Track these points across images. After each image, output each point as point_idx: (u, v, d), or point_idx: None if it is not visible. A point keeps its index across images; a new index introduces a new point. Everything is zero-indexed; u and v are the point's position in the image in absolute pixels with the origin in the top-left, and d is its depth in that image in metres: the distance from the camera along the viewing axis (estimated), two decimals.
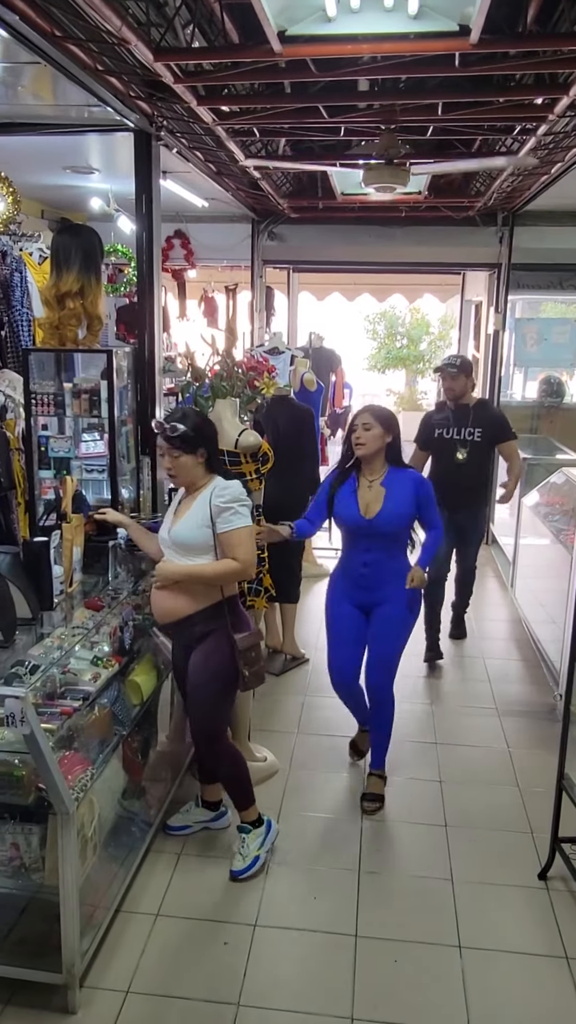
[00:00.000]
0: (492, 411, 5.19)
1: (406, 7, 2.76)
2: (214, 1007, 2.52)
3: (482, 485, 5.11)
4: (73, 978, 2.48)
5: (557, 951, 2.76)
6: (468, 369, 4.93)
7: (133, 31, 2.84)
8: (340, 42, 2.95)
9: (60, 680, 2.69)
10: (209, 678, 2.94)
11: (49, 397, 3.83)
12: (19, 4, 2.54)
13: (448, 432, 4.87)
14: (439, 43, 2.94)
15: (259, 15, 2.71)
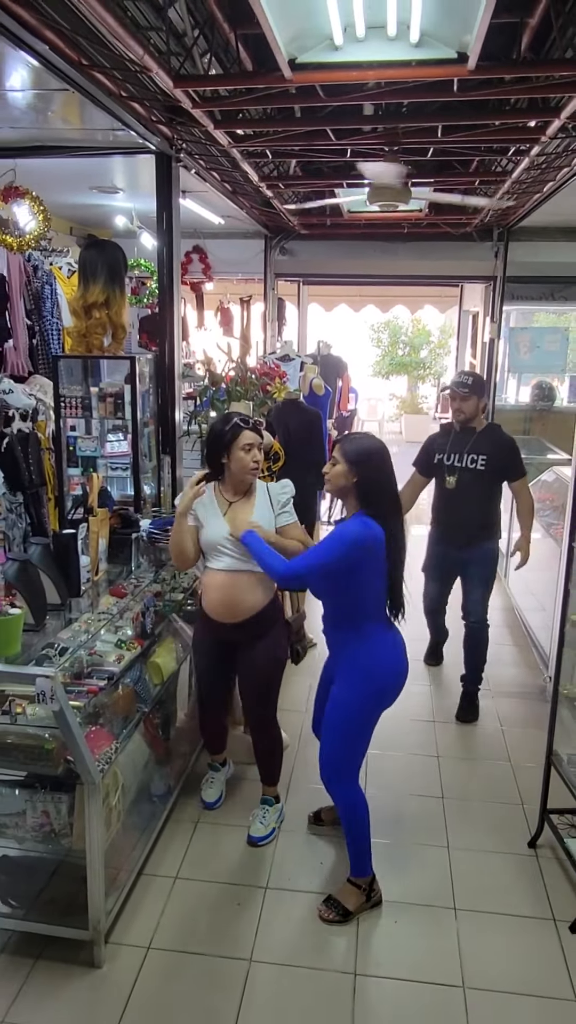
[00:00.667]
0: (500, 438, 3.95)
1: (408, 36, 2.74)
2: (228, 962, 2.53)
3: (483, 521, 4.01)
4: (99, 934, 2.49)
5: (545, 913, 2.76)
6: (481, 389, 3.98)
7: (154, 59, 2.84)
8: (347, 69, 2.93)
9: (87, 661, 2.70)
10: (276, 665, 3.06)
11: (77, 400, 3.84)
12: (48, 35, 2.54)
13: (445, 457, 3.99)
14: (439, 70, 2.92)
15: (271, 44, 2.70)
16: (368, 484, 2.54)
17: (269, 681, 3.07)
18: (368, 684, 2.64)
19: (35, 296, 5.27)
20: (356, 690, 2.64)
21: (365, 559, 2.50)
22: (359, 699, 2.65)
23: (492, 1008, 2.38)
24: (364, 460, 2.54)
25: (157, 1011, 2.35)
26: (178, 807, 3.30)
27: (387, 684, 2.68)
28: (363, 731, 2.71)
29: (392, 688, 2.70)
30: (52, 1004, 2.37)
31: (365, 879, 2.77)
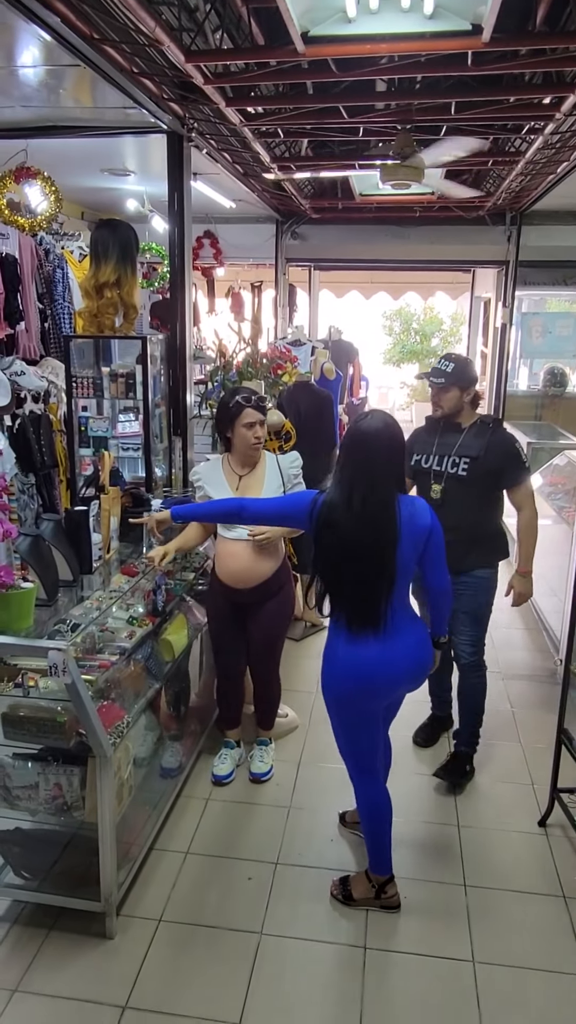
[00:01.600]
0: (493, 437, 3.07)
1: (422, 7, 2.70)
2: (239, 935, 2.54)
3: (473, 542, 3.14)
4: (111, 906, 2.50)
5: (555, 891, 2.75)
6: (464, 378, 3.07)
7: (166, 33, 2.81)
8: (360, 42, 2.90)
9: (98, 637, 2.70)
10: (284, 621, 3.31)
11: (88, 380, 3.84)
12: (59, 6, 2.52)
13: (425, 459, 3.20)
14: (453, 42, 2.88)
15: (284, 16, 2.66)
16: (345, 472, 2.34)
17: (278, 635, 3.33)
18: (327, 683, 2.48)
19: (47, 280, 5.26)
20: (323, 687, 2.51)
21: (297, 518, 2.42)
22: (327, 697, 2.52)
23: (502, 981, 2.38)
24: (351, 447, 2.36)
25: (168, 981, 2.36)
26: (189, 784, 3.32)
27: (343, 688, 2.43)
28: (352, 728, 2.53)
29: (351, 694, 2.43)
30: (65, 973, 2.39)
31: (378, 877, 2.66)
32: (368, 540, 2.29)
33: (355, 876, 2.72)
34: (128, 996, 2.31)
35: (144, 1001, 2.29)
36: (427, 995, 2.33)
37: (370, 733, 2.55)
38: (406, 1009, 2.28)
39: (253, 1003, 2.29)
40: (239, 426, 2.98)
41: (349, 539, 2.29)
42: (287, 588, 3.27)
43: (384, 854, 2.65)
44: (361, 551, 2.30)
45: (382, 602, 2.33)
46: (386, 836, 2.65)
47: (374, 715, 2.51)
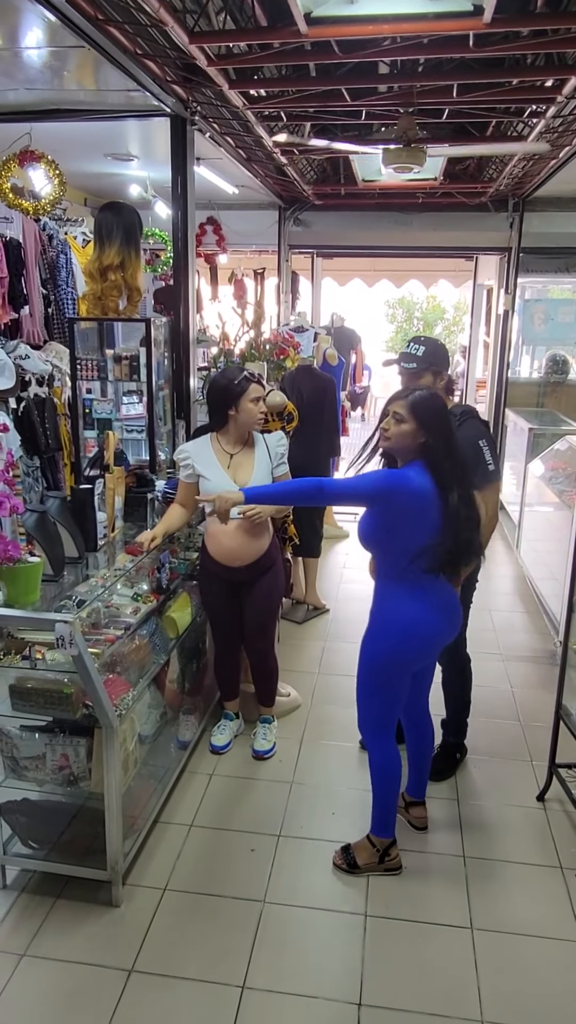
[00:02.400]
0: (461, 432, 2.74)
1: None
2: (243, 903, 2.59)
3: None
4: (117, 875, 2.55)
5: (552, 862, 2.80)
6: (437, 361, 2.91)
7: (170, 13, 2.82)
8: (362, 23, 2.91)
9: (104, 613, 2.74)
10: (277, 597, 3.37)
11: (92, 363, 3.86)
12: None
13: None
14: (454, 23, 2.89)
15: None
16: (438, 450, 2.38)
17: (271, 611, 3.38)
18: (384, 642, 2.54)
19: (50, 265, 5.28)
20: (375, 646, 2.58)
21: (402, 504, 2.36)
22: (377, 655, 2.57)
23: (500, 948, 2.43)
24: (436, 422, 2.39)
25: (173, 947, 2.41)
26: (193, 759, 3.37)
27: (407, 647, 2.53)
28: (387, 688, 2.59)
29: (410, 650, 2.55)
30: (72, 939, 2.44)
31: (382, 840, 2.72)
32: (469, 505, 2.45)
33: (357, 843, 2.78)
34: (134, 960, 2.36)
35: (149, 965, 2.34)
36: (426, 960, 2.38)
37: (403, 693, 2.65)
38: (406, 974, 2.33)
39: (256, 967, 2.34)
40: (246, 402, 2.99)
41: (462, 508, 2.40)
42: (278, 563, 3.34)
43: (390, 816, 2.72)
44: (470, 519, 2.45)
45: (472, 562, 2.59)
46: (394, 797, 2.71)
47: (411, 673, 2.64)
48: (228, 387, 3.01)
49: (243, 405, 3.01)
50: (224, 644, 3.44)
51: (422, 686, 2.83)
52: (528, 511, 6.18)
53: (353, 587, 5.40)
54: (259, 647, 3.42)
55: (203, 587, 3.32)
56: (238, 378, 3.00)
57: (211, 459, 3.09)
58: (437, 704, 3.37)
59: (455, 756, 3.39)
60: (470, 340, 10.20)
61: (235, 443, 3.12)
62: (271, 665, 3.51)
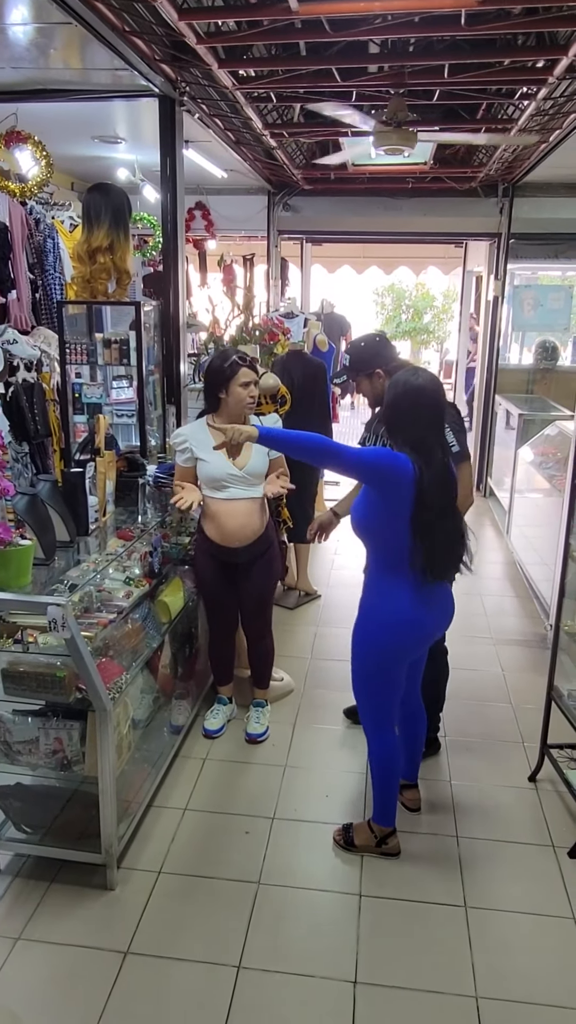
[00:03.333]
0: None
1: None
2: (238, 885, 2.59)
3: None
4: (111, 858, 2.55)
5: (544, 840, 2.82)
6: (361, 366, 2.94)
7: None
8: (354, 0, 2.87)
9: (96, 597, 2.73)
10: (273, 578, 3.41)
11: (82, 347, 3.82)
12: None
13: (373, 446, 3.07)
14: (445, 0, 2.86)
15: None
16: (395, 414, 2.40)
17: (270, 591, 3.43)
18: (380, 637, 2.53)
19: (37, 250, 5.21)
20: (367, 639, 2.56)
21: (387, 490, 2.36)
22: (372, 650, 2.56)
23: (493, 924, 2.45)
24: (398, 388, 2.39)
25: (169, 929, 2.42)
26: (187, 744, 3.37)
27: (397, 640, 2.51)
28: (383, 680, 2.58)
29: (402, 642, 2.53)
30: (67, 922, 2.44)
31: (382, 828, 2.73)
32: (451, 496, 2.46)
33: (358, 824, 2.80)
34: (129, 942, 2.36)
35: (145, 947, 2.35)
36: (421, 939, 2.40)
37: (400, 685, 2.63)
38: (401, 952, 2.34)
39: (252, 947, 2.35)
40: (235, 386, 2.99)
41: (440, 497, 2.38)
42: (274, 545, 3.36)
43: (390, 806, 2.72)
44: (448, 508, 2.44)
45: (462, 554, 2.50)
46: (394, 789, 2.71)
47: (406, 665, 2.62)
48: (219, 370, 3.01)
49: (232, 389, 3.01)
50: (221, 628, 3.44)
51: (415, 673, 2.83)
52: (518, 497, 6.19)
53: (344, 573, 5.41)
54: (259, 628, 3.46)
55: (200, 571, 3.31)
56: (228, 361, 3.00)
57: (208, 442, 3.04)
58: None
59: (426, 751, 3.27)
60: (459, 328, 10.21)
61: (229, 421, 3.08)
62: (269, 647, 3.54)
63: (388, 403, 2.43)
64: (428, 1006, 2.16)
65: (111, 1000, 2.16)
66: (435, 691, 3.28)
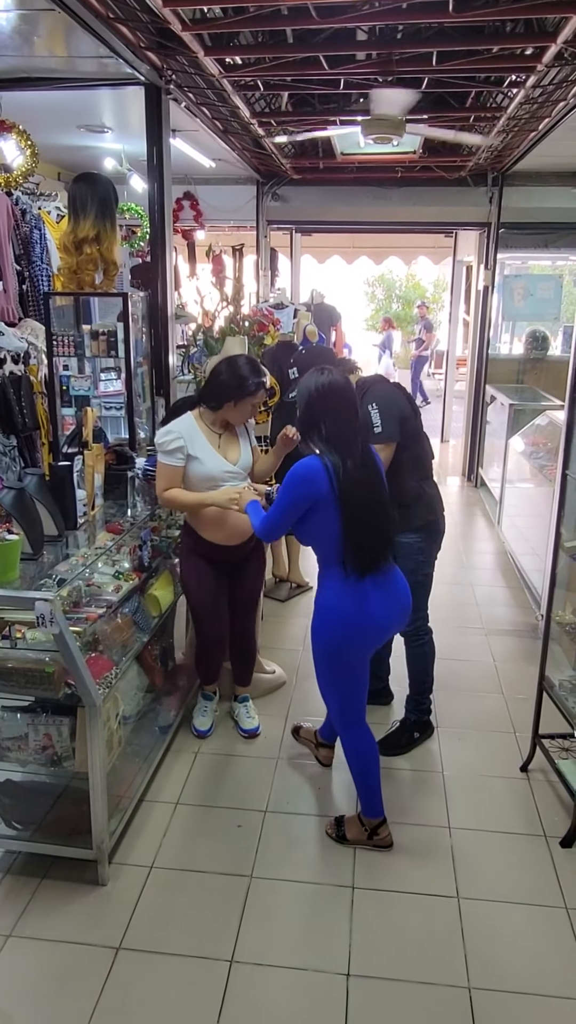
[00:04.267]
0: (368, 396, 3.03)
1: None
2: (230, 879, 2.59)
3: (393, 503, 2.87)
4: (102, 853, 2.54)
5: (536, 830, 2.82)
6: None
7: None
8: None
9: (85, 592, 2.70)
10: (263, 574, 3.40)
11: (69, 339, 3.78)
12: None
13: None
14: None
15: None
16: (303, 416, 2.52)
17: (260, 589, 3.44)
18: (324, 634, 2.55)
19: (24, 241, 5.15)
20: (318, 638, 2.59)
21: (313, 496, 2.42)
22: (322, 647, 2.59)
23: (485, 915, 2.45)
24: (302, 390, 2.53)
25: (161, 924, 2.41)
26: (178, 738, 3.35)
27: (341, 636, 2.52)
28: (346, 675, 2.59)
29: (348, 641, 2.52)
30: (58, 919, 2.42)
31: (370, 821, 2.73)
32: (377, 490, 2.51)
33: (349, 818, 2.80)
34: (121, 938, 2.35)
35: (137, 942, 2.34)
36: (413, 930, 2.39)
37: (362, 680, 2.64)
38: (393, 943, 2.34)
39: (244, 941, 2.34)
40: (247, 403, 2.95)
41: (366, 492, 2.45)
42: (261, 545, 3.32)
43: (375, 798, 2.72)
44: (375, 502, 2.49)
45: (391, 546, 2.55)
46: (375, 780, 2.71)
47: (366, 660, 2.62)
48: (241, 385, 2.90)
49: (243, 405, 2.95)
50: (217, 632, 3.29)
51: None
52: (509, 487, 6.19)
53: None
54: (249, 626, 3.43)
55: (195, 576, 3.15)
56: (253, 381, 2.91)
57: (202, 440, 2.96)
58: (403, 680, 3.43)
59: (413, 734, 3.34)
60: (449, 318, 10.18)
61: (220, 424, 3.04)
62: (255, 644, 3.52)
63: (303, 406, 2.51)
64: (421, 997, 2.16)
65: (103, 996, 2.15)
66: (419, 672, 3.32)
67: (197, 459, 2.95)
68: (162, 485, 2.98)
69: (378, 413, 2.94)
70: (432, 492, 3.15)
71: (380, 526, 2.50)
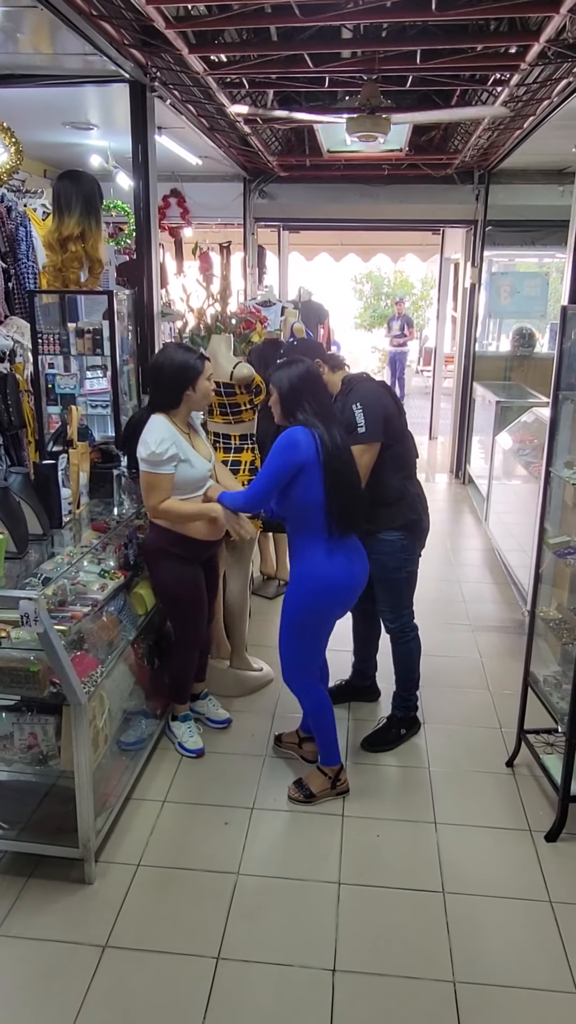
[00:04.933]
0: (352, 395, 3.01)
1: None
2: (217, 876, 2.59)
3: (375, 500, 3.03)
4: (89, 852, 2.53)
5: (521, 825, 2.84)
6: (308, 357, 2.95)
7: None
8: None
9: (70, 590, 2.70)
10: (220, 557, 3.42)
11: (55, 336, 3.77)
12: None
13: None
14: None
15: None
16: (285, 393, 2.71)
17: (220, 574, 3.47)
18: (308, 599, 2.77)
19: (9, 238, 5.12)
20: (297, 600, 2.79)
21: (299, 462, 2.61)
22: (299, 609, 2.79)
23: (470, 909, 2.46)
24: (283, 377, 2.73)
25: (147, 922, 2.41)
26: (165, 737, 3.34)
27: (323, 599, 2.78)
28: (310, 637, 2.86)
29: (330, 604, 2.81)
30: (45, 917, 2.42)
31: (332, 768, 2.94)
32: (350, 460, 2.75)
33: (309, 774, 2.99)
34: (108, 936, 2.35)
35: (124, 940, 2.34)
36: (399, 925, 2.41)
37: (325, 642, 2.95)
38: (379, 939, 2.35)
39: (231, 938, 2.35)
40: (203, 380, 2.87)
41: (346, 457, 2.71)
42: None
43: (333, 745, 2.96)
44: (352, 468, 2.76)
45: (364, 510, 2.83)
46: (333, 730, 2.95)
47: (334, 623, 2.92)
48: (184, 368, 2.83)
49: (200, 384, 2.87)
50: (201, 634, 3.23)
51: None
52: (496, 483, 6.22)
53: None
54: (213, 612, 3.46)
55: (182, 580, 3.03)
56: (192, 359, 2.85)
57: (185, 443, 2.89)
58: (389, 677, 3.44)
59: (398, 731, 3.34)
60: (437, 316, 10.20)
61: (185, 422, 2.97)
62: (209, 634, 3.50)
63: (286, 389, 2.71)
64: (406, 992, 2.17)
65: (90, 994, 2.16)
66: (406, 669, 3.35)
67: (187, 462, 2.87)
68: (159, 498, 2.83)
69: (362, 413, 2.95)
70: (415, 491, 3.16)
71: (357, 488, 2.79)
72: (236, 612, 3.76)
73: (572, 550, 2.94)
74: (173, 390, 2.88)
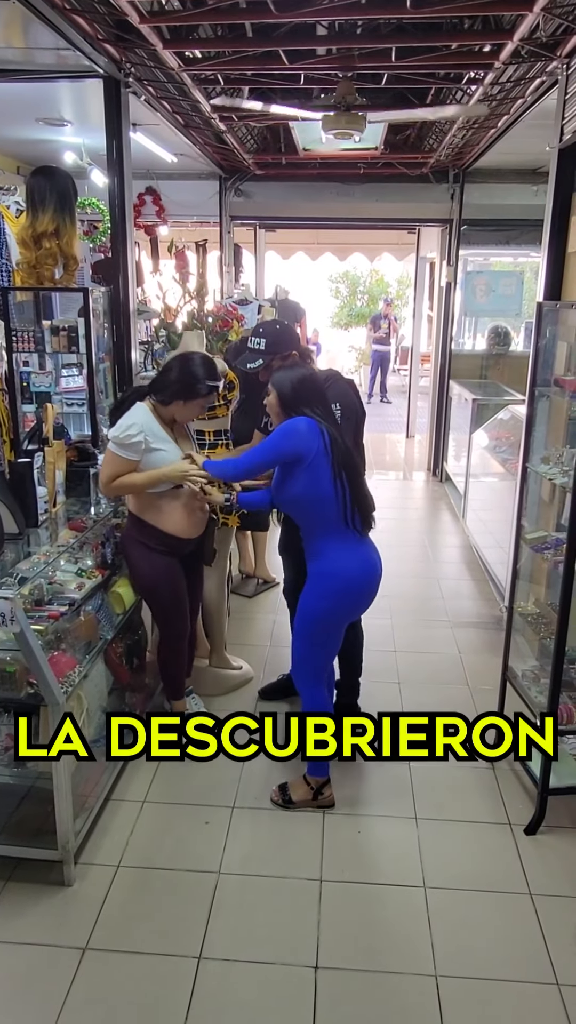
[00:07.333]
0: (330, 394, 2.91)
1: None
2: (197, 875, 2.58)
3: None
4: (68, 854, 2.51)
5: (501, 819, 2.86)
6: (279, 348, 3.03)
7: None
8: None
9: (47, 590, 2.67)
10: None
11: (29, 334, 3.72)
12: None
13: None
14: None
15: None
16: (287, 396, 2.66)
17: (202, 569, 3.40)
18: (325, 599, 2.69)
19: None
20: (317, 603, 2.71)
21: (302, 451, 2.56)
22: (319, 612, 2.72)
23: (451, 903, 2.47)
24: (284, 378, 2.69)
25: (128, 923, 2.39)
26: None
27: (344, 600, 2.72)
28: (328, 641, 2.79)
29: (350, 604, 2.76)
30: (23, 920, 2.39)
31: (317, 779, 2.89)
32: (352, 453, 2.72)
33: (293, 781, 2.95)
34: (88, 938, 2.33)
35: (104, 942, 2.32)
36: (380, 921, 2.41)
37: (340, 641, 2.86)
38: (361, 935, 2.35)
39: (212, 937, 2.34)
40: (195, 405, 2.90)
41: (347, 449, 2.66)
42: (212, 526, 3.35)
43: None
44: (355, 461, 2.73)
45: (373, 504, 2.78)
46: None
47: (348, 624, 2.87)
48: (192, 386, 2.84)
49: (192, 405, 2.90)
50: (188, 628, 3.23)
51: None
52: (473, 481, 6.26)
53: None
54: (197, 607, 3.44)
55: (164, 576, 3.02)
56: (206, 384, 2.86)
57: (161, 432, 2.90)
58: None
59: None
60: (413, 314, 10.25)
61: (168, 419, 2.97)
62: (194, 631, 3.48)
63: (292, 387, 2.66)
64: (388, 987, 2.18)
65: (69, 997, 2.13)
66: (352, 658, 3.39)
67: (162, 451, 2.86)
68: (109, 473, 2.85)
69: (340, 414, 2.95)
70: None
71: (366, 486, 2.76)
72: (213, 609, 3.75)
73: (549, 545, 2.97)
74: (169, 390, 2.88)
